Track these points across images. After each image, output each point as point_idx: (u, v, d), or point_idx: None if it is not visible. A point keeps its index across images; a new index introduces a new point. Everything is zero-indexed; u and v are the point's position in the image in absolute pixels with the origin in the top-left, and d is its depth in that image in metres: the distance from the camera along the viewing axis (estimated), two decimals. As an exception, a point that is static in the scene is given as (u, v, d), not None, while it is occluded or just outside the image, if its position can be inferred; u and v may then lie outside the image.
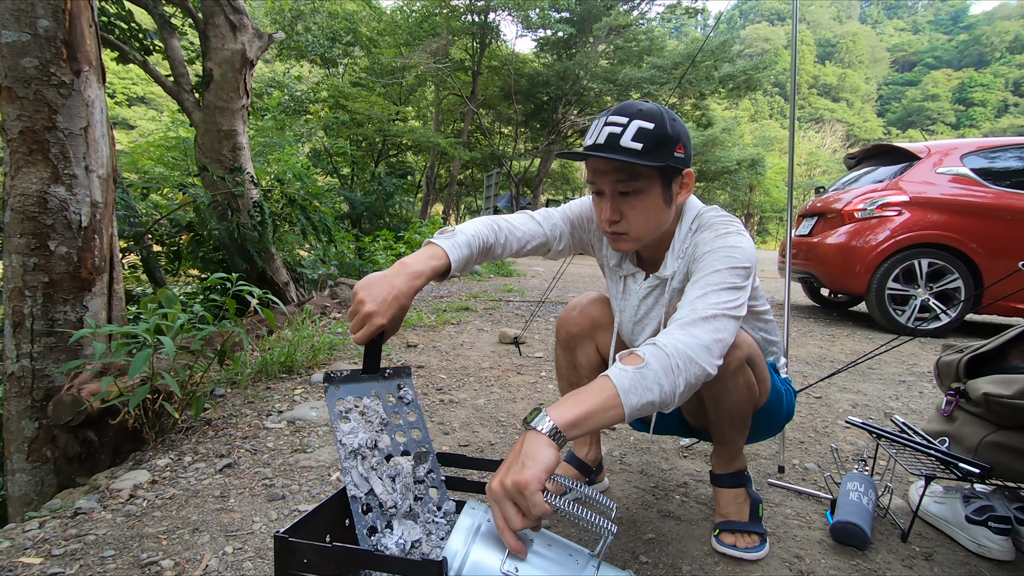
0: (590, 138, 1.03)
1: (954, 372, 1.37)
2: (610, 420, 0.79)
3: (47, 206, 1.90)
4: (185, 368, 1.96)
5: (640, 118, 0.98)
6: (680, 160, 1.02)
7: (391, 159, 17.51)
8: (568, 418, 0.75)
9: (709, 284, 0.96)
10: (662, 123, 0.99)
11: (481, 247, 1.06)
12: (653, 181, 1.02)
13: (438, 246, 0.99)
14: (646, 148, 0.97)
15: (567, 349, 1.33)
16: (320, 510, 0.84)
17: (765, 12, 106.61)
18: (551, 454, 0.72)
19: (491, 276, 7.26)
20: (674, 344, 0.85)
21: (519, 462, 0.72)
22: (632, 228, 1.06)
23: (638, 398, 0.80)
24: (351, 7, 14.27)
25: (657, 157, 0.98)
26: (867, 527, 1.22)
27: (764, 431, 1.28)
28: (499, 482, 0.72)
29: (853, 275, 4.07)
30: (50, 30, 1.90)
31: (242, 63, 4.11)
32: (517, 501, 0.70)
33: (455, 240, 1.01)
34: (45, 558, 1.13)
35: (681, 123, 1.03)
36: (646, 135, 0.97)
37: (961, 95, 78.70)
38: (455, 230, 1.03)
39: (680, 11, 18.25)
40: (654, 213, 1.05)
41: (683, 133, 1.02)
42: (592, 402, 0.78)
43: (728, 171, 25.23)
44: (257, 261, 4.17)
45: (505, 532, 0.71)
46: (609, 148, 0.99)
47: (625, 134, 0.98)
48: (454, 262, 0.98)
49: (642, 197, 1.03)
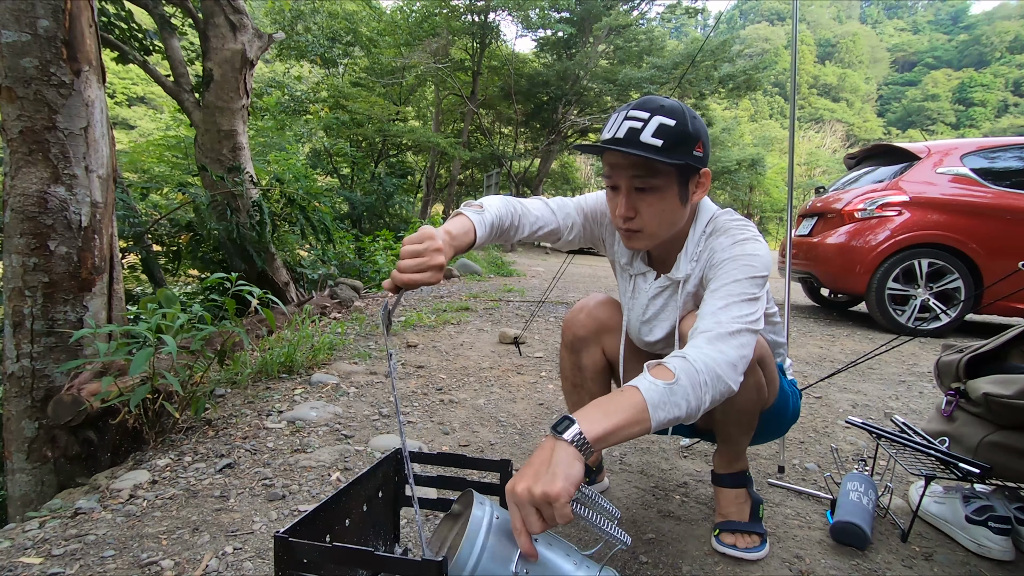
0: (608, 131, 1.01)
1: (954, 372, 1.36)
2: (636, 434, 0.80)
3: (47, 206, 1.90)
4: (185, 368, 1.96)
5: (662, 114, 0.97)
6: (699, 159, 1.01)
7: (391, 159, 17.51)
8: (597, 432, 0.75)
9: (730, 295, 0.96)
10: (684, 120, 0.97)
11: (500, 227, 1.06)
12: (671, 179, 1.01)
13: (470, 220, 0.99)
14: (666, 145, 0.96)
15: (572, 351, 1.32)
16: (320, 510, 0.83)
17: (765, 12, 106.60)
18: (579, 468, 0.73)
19: (491, 276, 7.25)
20: (703, 360, 0.85)
21: (549, 472, 0.71)
22: (647, 225, 1.05)
23: (665, 413, 0.80)
24: (351, 7, 14.27)
25: (676, 155, 0.97)
26: (867, 527, 1.22)
27: (770, 432, 1.27)
28: (526, 489, 0.71)
29: (853, 275, 4.07)
30: (50, 30, 1.89)
31: (242, 63, 4.12)
32: (542, 509, 0.71)
33: (483, 217, 1.01)
34: (45, 558, 1.13)
35: (701, 122, 1.02)
36: (667, 132, 0.96)
37: (961, 95, 78.67)
38: (483, 207, 1.03)
39: (680, 11, 18.24)
40: (669, 211, 1.04)
41: (703, 132, 1.01)
42: (621, 416, 0.78)
43: (728, 171, 25.20)
44: (256, 261, 4.17)
45: (522, 535, 0.71)
46: (629, 143, 0.97)
47: (646, 129, 0.96)
48: (479, 239, 0.99)
49: (659, 195, 1.02)
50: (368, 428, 1.87)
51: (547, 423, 2.00)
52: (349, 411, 2.01)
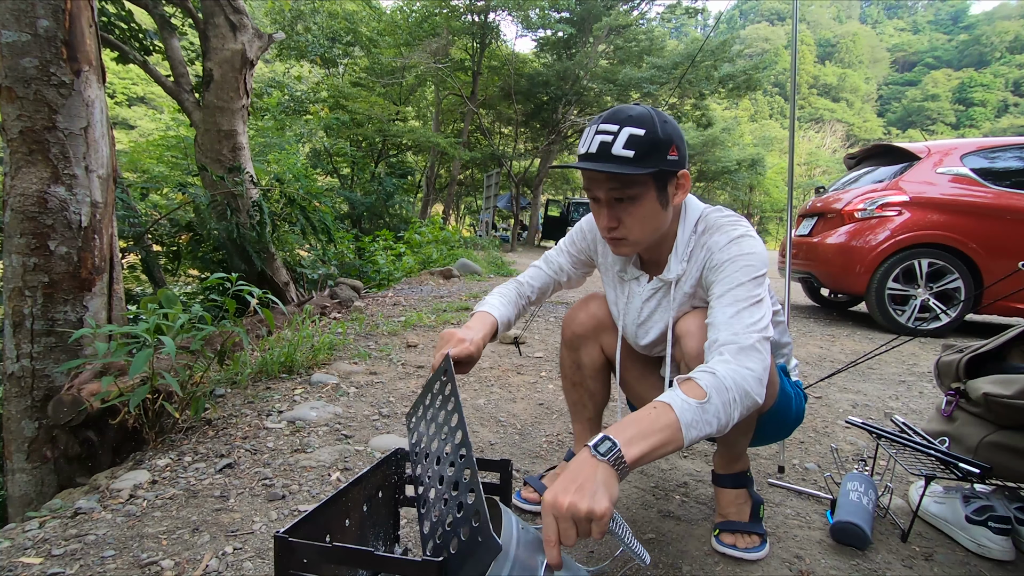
0: (583, 147, 1.03)
1: (954, 372, 1.36)
2: (669, 452, 0.82)
3: (47, 206, 1.90)
4: (185, 368, 1.96)
5: (630, 124, 0.98)
6: (674, 163, 1.01)
7: (391, 159, 17.52)
8: (635, 455, 0.77)
9: (737, 300, 0.97)
10: (653, 128, 0.98)
11: (515, 318, 1.27)
12: (648, 187, 1.02)
13: (491, 315, 1.20)
14: (638, 155, 0.97)
15: (572, 349, 1.34)
16: (320, 510, 0.83)
17: (765, 12, 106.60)
18: (617, 488, 0.76)
19: (491, 276, 7.26)
20: (732, 377, 0.87)
21: (593, 490, 0.73)
22: (631, 233, 1.07)
23: (697, 432, 0.82)
24: (351, 7, 14.29)
25: (649, 163, 0.98)
26: (867, 527, 1.22)
27: (772, 434, 1.27)
28: (573, 504, 0.72)
29: (853, 275, 4.07)
30: (50, 30, 1.90)
31: (242, 63, 4.12)
32: (579, 524, 0.72)
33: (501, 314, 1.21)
34: (45, 558, 1.13)
35: (673, 124, 1.02)
36: (637, 142, 0.97)
37: (961, 95, 78.68)
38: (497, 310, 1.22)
39: (680, 11, 18.25)
40: (651, 217, 1.05)
41: (675, 135, 1.01)
42: (657, 438, 0.80)
43: (728, 171, 25.24)
44: (256, 261, 4.17)
45: (555, 547, 0.72)
46: (601, 157, 0.99)
47: (616, 142, 0.98)
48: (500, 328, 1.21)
49: (638, 203, 1.03)
50: (368, 428, 1.87)
51: (547, 423, 2.00)
52: (349, 411, 2.01)
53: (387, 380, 2.40)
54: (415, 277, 6.45)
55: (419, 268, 7.22)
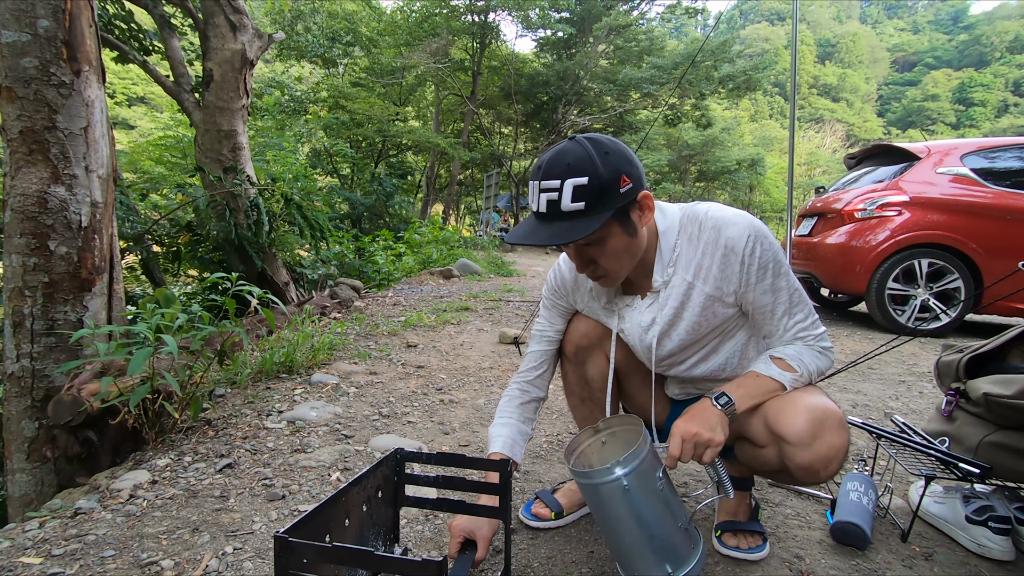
0: (532, 203, 0.99)
1: (954, 372, 1.36)
2: None
3: (47, 206, 1.90)
4: (185, 368, 1.96)
5: (571, 175, 0.93)
6: (629, 192, 0.96)
7: (391, 159, 17.53)
8: (743, 409, 1.04)
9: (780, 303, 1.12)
10: (594, 171, 0.93)
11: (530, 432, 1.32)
12: (609, 226, 0.98)
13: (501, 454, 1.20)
14: (588, 204, 0.93)
15: (577, 363, 1.28)
16: (320, 510, 0.83)
17: (765, 12, 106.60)
18: (728, 429, 1.01)
19: (491, 276, 7.25)
20: (807, 368, 1.09)
21: (713, 426, 0.98)
22: (609, 269, 1.05)
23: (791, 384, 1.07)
24: (351, 7, 14.28)
25: (603, 208, 0.94)
26: (867, 527, 1.22)
27: None
28: (698, 431, 0.97)
29: (853, 275, 4.07)
30: (50, 30, 1.90)
31: (242, 63, 4.12)
32: (698, 447, 0.97)
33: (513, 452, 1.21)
34: (45, 558, 1.13)
35: (617, 152, 0.96)
36: (584, 192, 0.93)
37: (961, 95, 78.65)
38: None
39: (680, 11, 18.26)
40: (624, 250, 1.03)
41: (621, 163, 0.95)
42: (759, 399, 1.06)
43: (728, 171, 25.22)
44: (256, 261, 4.17)
45: (674, 461, 0.97)
46: (554, 216, 0.96)
47: (563, 199, 0.94)
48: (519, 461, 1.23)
49: (606, 244, 1.01)
50: (368, 428, 1.87)
51: (547, 423, 2.00)
52: (349, 411, 2.01)
53: (387, 380, 2.40)
54: (415, 277, 6.45)
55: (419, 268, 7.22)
